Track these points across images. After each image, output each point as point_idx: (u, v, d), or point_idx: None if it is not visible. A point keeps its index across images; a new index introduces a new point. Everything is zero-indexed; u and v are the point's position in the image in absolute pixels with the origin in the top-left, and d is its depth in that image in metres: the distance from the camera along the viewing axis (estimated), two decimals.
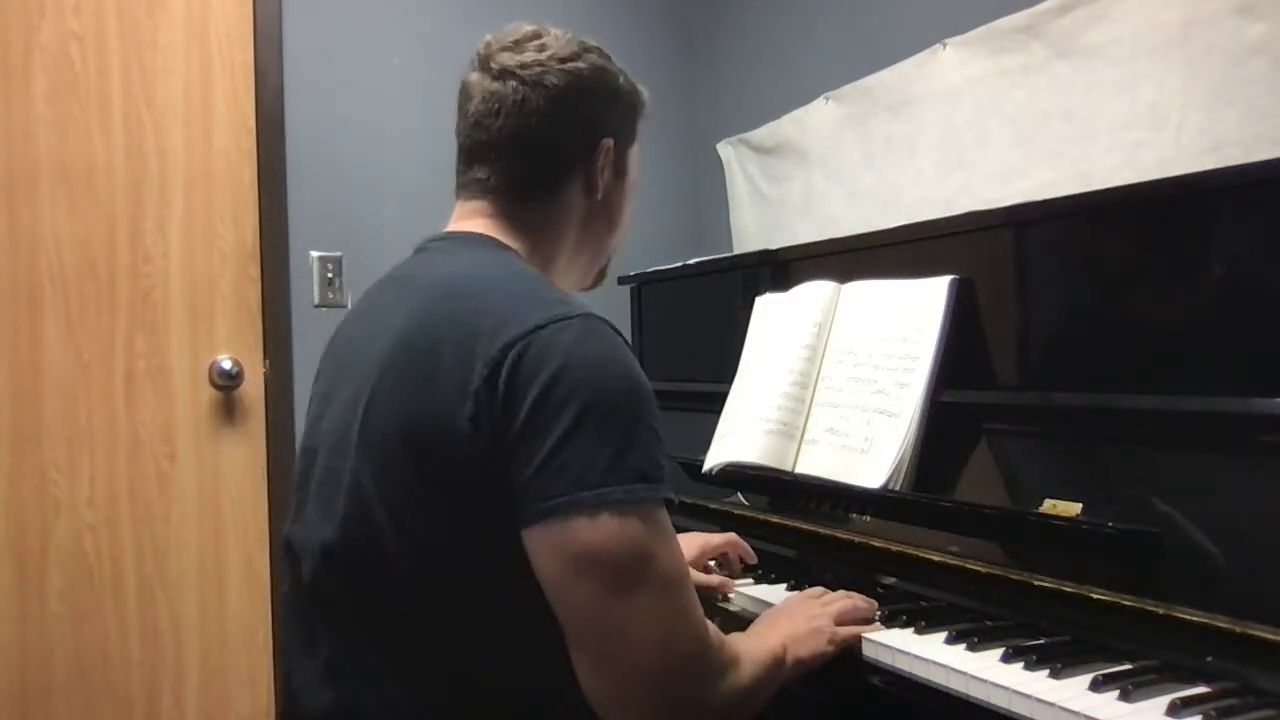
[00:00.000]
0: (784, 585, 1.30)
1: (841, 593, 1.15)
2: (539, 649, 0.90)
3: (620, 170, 1.12)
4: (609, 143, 1.08)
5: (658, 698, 0.87)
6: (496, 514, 0.88)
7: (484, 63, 1.06)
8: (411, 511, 0.90)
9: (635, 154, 1.15)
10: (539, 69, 1.04)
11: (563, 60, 1.05)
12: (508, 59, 1.04)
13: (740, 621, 1.19)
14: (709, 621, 0.92)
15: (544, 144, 1.04)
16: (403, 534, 0.91)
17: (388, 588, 0.92)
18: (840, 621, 1.09)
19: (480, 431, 0.87)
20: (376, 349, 0.97)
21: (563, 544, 0.85)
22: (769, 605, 1.20)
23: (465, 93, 1.08)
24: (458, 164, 1.10)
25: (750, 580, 1.34)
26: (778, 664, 0.99)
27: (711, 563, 1.38)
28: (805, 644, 1.04)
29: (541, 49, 1.05)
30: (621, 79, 1.12)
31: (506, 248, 1.04)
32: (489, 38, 1.08)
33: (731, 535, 1.40)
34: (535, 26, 1.08)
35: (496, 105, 1.03)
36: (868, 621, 1.11)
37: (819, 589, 1.19)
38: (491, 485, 0.87)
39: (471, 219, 1.07)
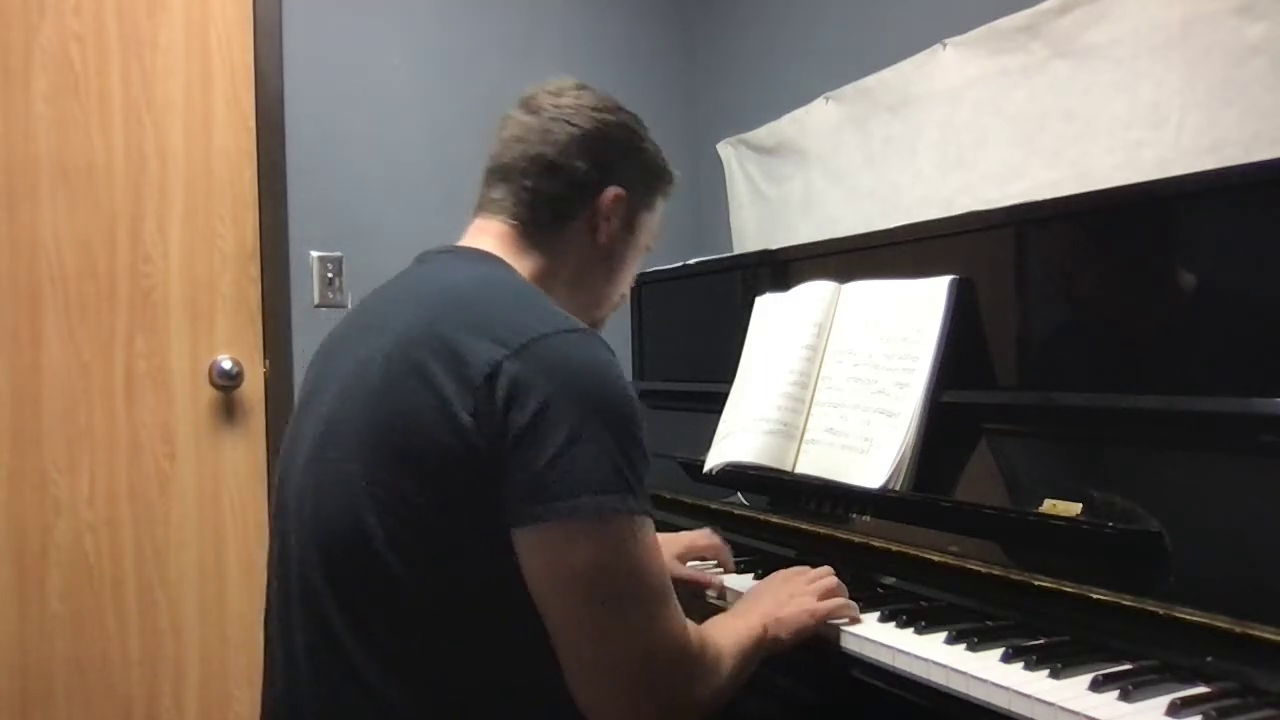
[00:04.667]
0: None
1: (826, 568, 1.18)
2: (526, 647, 0.92)
3: (631, 226, 1.16)
4: (620, 191, 1.13)
5: (641, 703, 0.91)
6: (488, 512, 0.89)
7: (525, 102, 1.14)
8: (403, 508, 0.91)
9: (651, 223, 1.21)
10: (570, 110, 1.11)
11: (595, 109, 1.12)
12: (545, 99, 1.13)
13: None
14: (689, 622, 0.96)
15: (558, 170, 1.10)
16: (393, 531, 0.91)
17: (376, 585, 0.92)
18: (823, 598, 1.13)
19: (480, 427, 0.88)
20: (372, 348, 0.98)
21: (554, 550, 0.88)
22: None
23: (502, 124, 1.15)
24: (483, 183, 1.15)
25: (751, 578, 1.34)
26: (758, 644, 1.04)
27: (696, 561, 1.38)
28: (786, 623, 1.08)
29: (579, 98, 1.13)
30: (649, 145, 1.18)
31: (509, 266, 1.08)
32: (537, 85, 1.16)
33: (715, 539, 1.40)
34: (582, 83, 1.16)
35: (523, 133, 1.11)
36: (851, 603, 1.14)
37: (799, 568, 1.20)
38: (485, 483, 0.89)
39: (481, 236, 1.11)
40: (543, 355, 0.90)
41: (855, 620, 1.12)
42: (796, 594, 1.12)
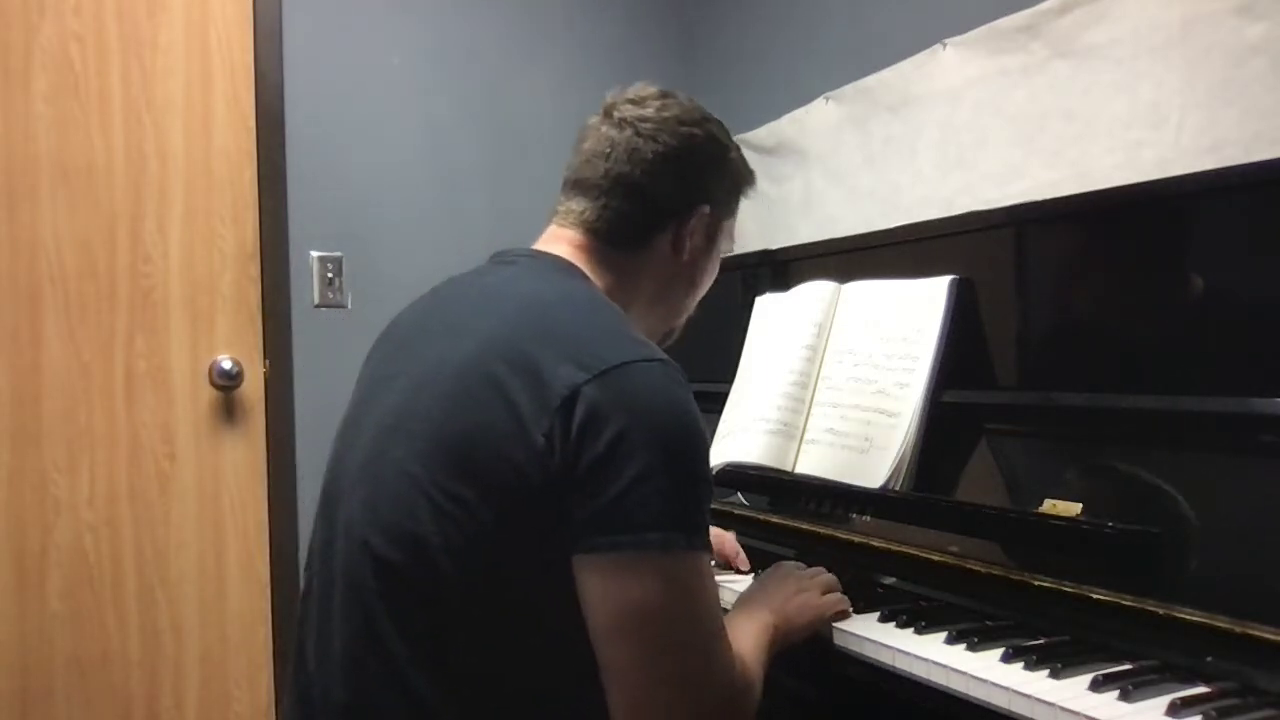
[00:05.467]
0: None
1: (819, 568, 1.20)
2: (567, 666, 0.92)
3: (712, 238, 1.16)
4: (706, 209, 1.11)
5: None
6: (549, 534, 0.89)
7: (607, 110, 1.12)
8: (463, 516, 0.90)
9: (730, 227, 1.20)
10: (656, 125, 1.08)
11: (681, 123, 1.10)
12: (630, 110, 1.10)
13: None
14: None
15: (644, 193, 1.08)
16: (450, 536, 0.91)
17: (426, 587, 0.92)
18: (824, 593, 1.15)
19: (553, 450, 0.88)
20: (452, 350, 0.97)
21: (616, 581, 0.88)
22: None
23: (582, 134, 1.13)
24: (561, 193, 1.13)
25: (750, 578, 1.34)
26: (772, 644, 1.04)
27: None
28: (794, 620, 1.09)
29: (664, 109, 1.10)
30: (734, 154, 1.16)
31: (590, 281, 1.07)
32: (617, 90, 1.13)
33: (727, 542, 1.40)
34: (664, 89, 1.13)
35: (608, 149, 1.08)
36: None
37: (795, 563, 1.22)
38: (550, 505, 0.89)
39: (559, 244, 1.09)
40: (623, 386, 0.89)
41: (847, 615, 1.14)
42: (801, 589, 1.13)
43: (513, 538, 0.90)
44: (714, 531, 1.40)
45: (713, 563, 1.39)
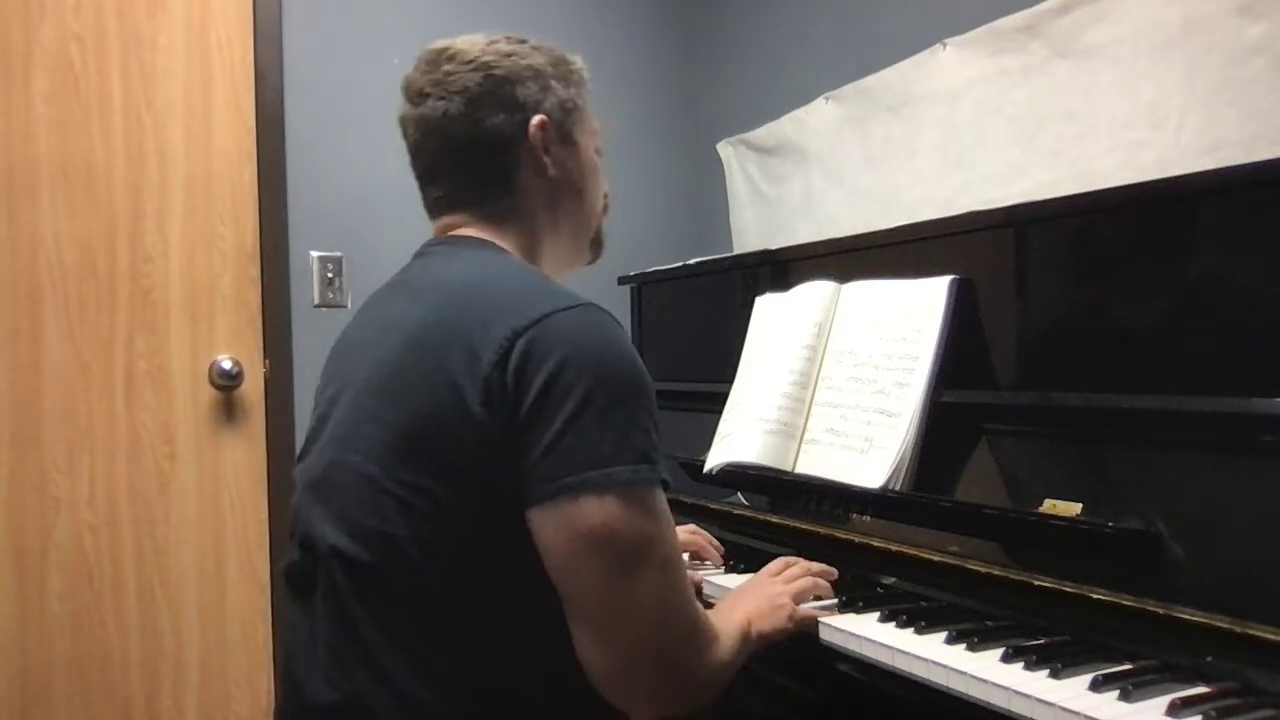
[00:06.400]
0: None
1: (800, 567, 1.20)
2: (544, 632, 0.93)
3: (568, 140, 1.13)
4: (542, 118, 1.09)
5: (658, 671, 0.92)
6: (507, 500, 0.91)
7: (407, 94, 1.12)
8: (425, 504, 0.92)
9: (587, 123, 1.16)
10: (450, 78, 1.08)
11: (469, 61, 1.08)
12: (423, 82, 1.10)
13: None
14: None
15: (476, 141, 1.08)
16: (415, 525, 0.93)
17: (401, 583, 0.94)
18: (799, 600, 1.15)
19: (493, 414, 0.90)
20: (386, 349, 1.00)
21: (572, 523, 0.89)
22: None
23: (402, 128, 1.13)
24: (420, 190, 1.14)
25: (749, 578, 1.34)
26: (745, 639, 1.04)
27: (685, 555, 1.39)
28: (768, 619, 1.09)
29: (450, 59, 1.09)
30: (539, 56, 1.13)
31: (502, 249, 1.08)
32: (409, 72, 1.13)
33: (694, 528, 1.43)
34: (445, 42, 1.12)
35: (426, 127, 1.09)
36: (827, 595, 1.18)
37: (779, 564, 1.22)
38: (501, 470, 0.90)
39: (457, 230, 1.11)
40: (553, 330, 0.91)
41: (821, 598, 1.17)
42: (775, 595, 1.14)
43: (477, 516, 0.92)
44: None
45: (685, 556, 1.39)
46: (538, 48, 1.14)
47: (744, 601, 1.12)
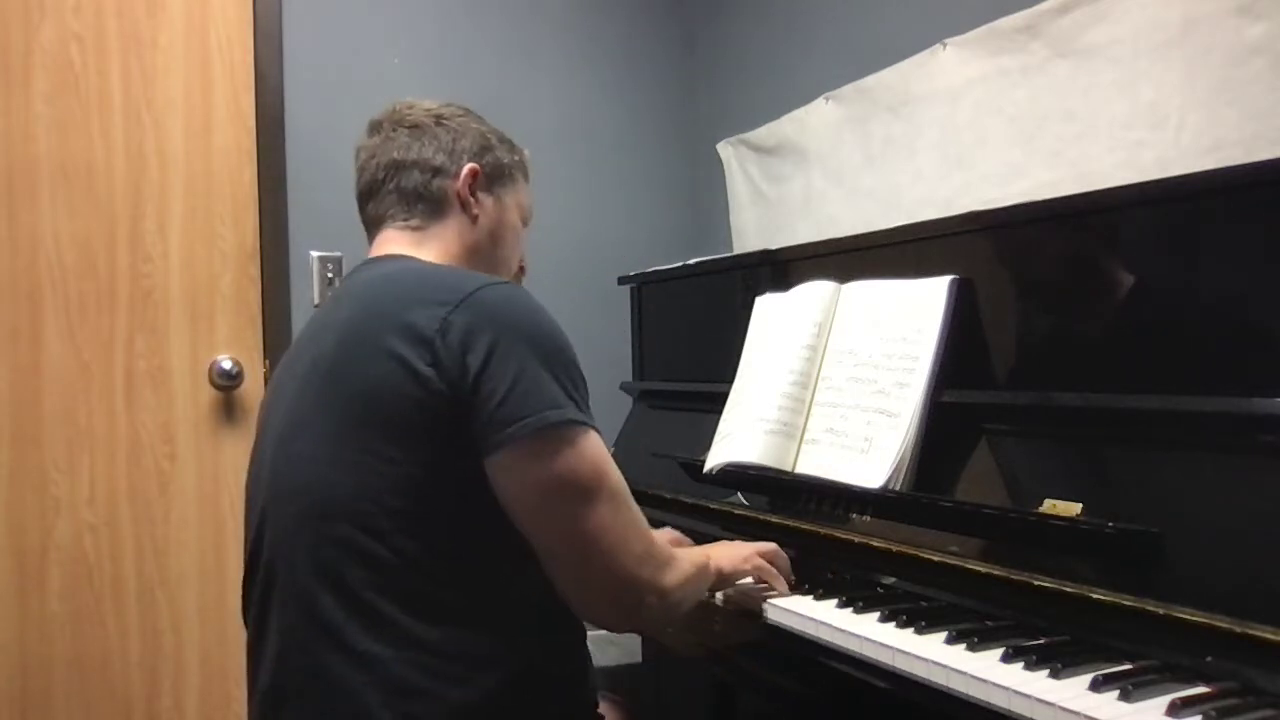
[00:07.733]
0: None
1: (781, 557, 1.29)
2: (498, 580, 1.02)
3: (495, 196, 1.26)
4: (473, 166, 1.23)
5: (629, 590, 1.02)
6: (463, 454, 0.98)
7: (369, 129, 1.25)
8: (385, 468, 0.98)
9: (518, 193, 1.30)
10: (405, 116, 1.24)
11: (426, 110, 1.24)
12: (381, 118, 1.25)
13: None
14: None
15: (413, 165, 1.21)
16: (376, 495, 0.98)
17: (372, 554, 0.98)
18: (761, 567, 1.25)
19: (441, 374, 0.98)
20: (320, 348, 1.07)
21: (521, 465, 0.98)
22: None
23: (356, 157, 1.26)
24: (360, 212, 1.27)
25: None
26: (704, 567, 1.17)
27: None
28: (727, 559, 1.23)
29: (410, 108, 1.25)
30: (490, 134, 1.28)
31: (422, 260, 1.18)
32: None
33: (676, 535, 1.40)
34: (411, 101, 1.26)
35: (373, 150, 1.23)
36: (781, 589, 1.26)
37: (766, 545, 1.29)
38: (455, 424, 0.98)
39: (384, 246, 1.21)
40: (481, 306, 1.01)
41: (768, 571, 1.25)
42: (739, 547, 1.26)
43: (436, 474, 0.99)
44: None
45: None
46: (492, 129, 1.28)
47: (712, 546, 1.26)
